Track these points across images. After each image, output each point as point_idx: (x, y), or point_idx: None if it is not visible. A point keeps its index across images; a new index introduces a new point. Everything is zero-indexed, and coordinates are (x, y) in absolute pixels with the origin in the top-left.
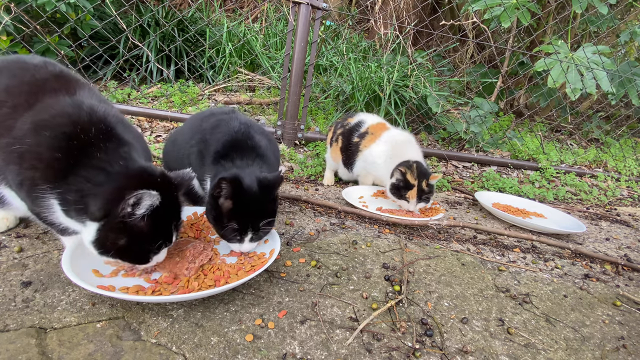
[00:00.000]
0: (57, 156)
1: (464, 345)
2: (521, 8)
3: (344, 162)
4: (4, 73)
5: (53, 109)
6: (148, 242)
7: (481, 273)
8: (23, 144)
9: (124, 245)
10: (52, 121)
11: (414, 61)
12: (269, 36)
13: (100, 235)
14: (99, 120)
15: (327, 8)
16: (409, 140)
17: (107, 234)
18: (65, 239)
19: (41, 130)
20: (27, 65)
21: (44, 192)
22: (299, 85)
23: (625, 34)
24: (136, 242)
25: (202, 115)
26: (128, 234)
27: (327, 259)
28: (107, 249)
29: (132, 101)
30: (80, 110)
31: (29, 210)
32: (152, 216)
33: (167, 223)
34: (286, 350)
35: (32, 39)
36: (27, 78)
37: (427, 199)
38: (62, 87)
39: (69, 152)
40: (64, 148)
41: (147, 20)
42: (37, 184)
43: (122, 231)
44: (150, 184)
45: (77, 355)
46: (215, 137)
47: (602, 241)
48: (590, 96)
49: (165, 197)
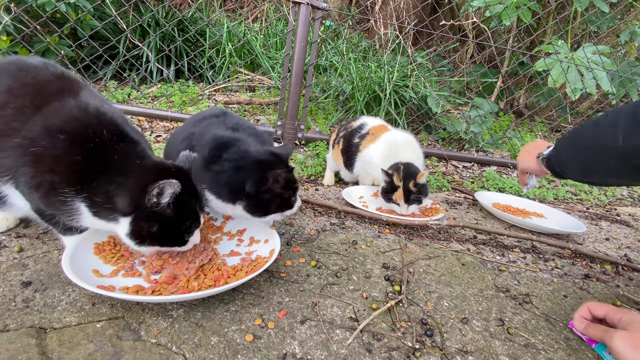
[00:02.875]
0: (77, 159)
1: (464, 345)
2: (522, 7)
3: (345, 164)
4: (4, 74)
5: (63, 113)
6: (178, 225)
7: (481, 273)
8: (38, 146)
9: (157, 231)
10: (65, 126)
11: (414, 61)
12: (269, 36)
13: (134, 227)
14: (108, 121)
15: (327, 8)
16: (407, 141)
17: (140, 224)
18: (66, 239)
19: (56, 133)
20: (28, 67)
21: (66, 195)
22: (299, 85)
23: (625, 34)
24: (167, 227)
25: (194, 120)
26: (159, 222)
27: (327, 259)
28: (142, 238)
29: (132, 101)
30: (88, 113)
31: (33, 211)
32: (175, 202)
33: (191, 205)
34: (286, 350)
35: (32, 39)
36: (29, 79)
37: (417, 200)
38: (66, 89)
39: (87, 155)
40: (82, 151)
41: (147, 20)
42: (58, 187)
43: (152, 220)
44: (168, 174)
45: (77, 355)
46: (202, 144)
47: (602, 241)
48: (590, 96)
49: (183, 183)
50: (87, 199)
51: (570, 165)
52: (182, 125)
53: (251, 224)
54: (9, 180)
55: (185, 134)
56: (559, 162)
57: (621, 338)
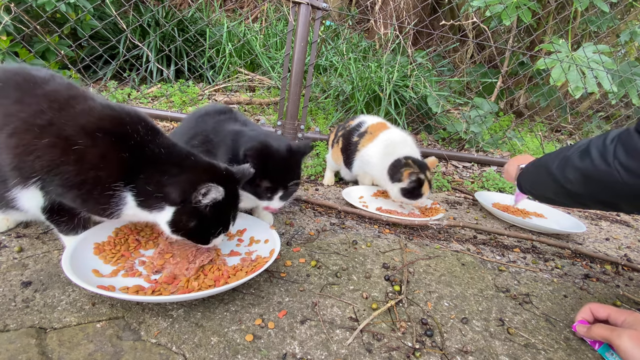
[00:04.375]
0: (124, 156)
1: (464, 345)
2: (522, 7)
3: (345, 162)
4: (10, 86)
5: (94, 113)
6: (211, 227)
7: (481, 273)
8: (78, 145)
9: (193, 227)
10: (101, 123)
11: (414, 61)
12: (269, 36)
13: (175, 217)
14: (139, 119)
15: (327, 8)
16: (404, 139)
17: (181, 216)
18: (66, 239)
19: (93, 132)
20: (35, 78)
21: (115, 189)
22: (299, 85)
23: (625, 34)
24: (202, 226)
25: (197, 114)
26: (198, 218)
27: (327, 259)
28: (178, 229)
29: (132, 101)
30: (118, 111)
31: (42, 210)
32: (216, 206)
33: (227, 213)
34: (286, 350)
35: (32, 39)
36: (39, 91)
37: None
38: (80, 95)
39: (131, 150)
40: (126, 147)
41: (147, 20)
42: (106, 182)
43: (193, 215)
44: (218, 178)
45: (77, 355)
46: (218, 141)
47: (602, 241)
48: (591, 96)
49: (227, 190)
50: (134, 190)
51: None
52: (182, 124)
53: (251, 224)
54: (36, 181)
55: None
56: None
57: (630, 338)
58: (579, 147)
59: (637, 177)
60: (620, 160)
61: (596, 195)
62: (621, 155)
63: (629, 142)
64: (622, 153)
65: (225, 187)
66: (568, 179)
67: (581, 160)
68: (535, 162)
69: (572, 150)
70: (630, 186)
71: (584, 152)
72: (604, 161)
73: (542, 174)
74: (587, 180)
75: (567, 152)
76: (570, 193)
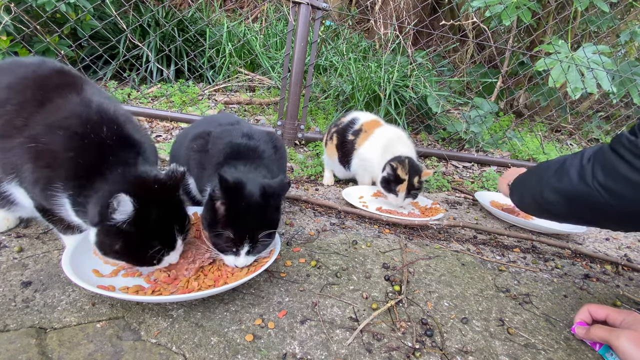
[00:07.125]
0: (70, 156)
1: (464, 345)
2: (522, 7)
3: (340, 160)
4: (3, 73)
5: (65, 109)
6: (144, 247)
7: (481, 273)
8: (39, 142)
9: (121, 249)
10: (64, 122)
11: (414, 61)
12: (269, 36)
13: (98, 239)
14: (110, 119)
15: (327, 8)
16: (399, 136)
17: (104, 238)
18: (66, 239)
19: (55, 129)
20: (25, 64)
21: (56, 190)
22: (299, 85)
23: (625, 34)
24: (131, 246)
25: (206, 121)
26: (122, 239)
27: (327, 259)
28: (106, 252)
29: (132, 101)
30: (90, 109)
31: (35, 209)
32: (139, 221)
33: (163, 227)
34: (286, 350)
35: (32, 39)
36: (29, 74)
37: (414, 195)
38: (69, 84)
39: (80, 153)
40: (76, 148)
41: (147, 20)
42: (53, 182)
43: (116, 236)
44: (138, 189)
45: (77, 355)
46: (217, 148)
47: (602, 241)
48: (591, 96)
49: (159, 201)
50: (70, 197)
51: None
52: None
53: None
54: (14, 178)
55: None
56: (512, 197)
57: (628, 338)
58: (554, 166)
59: (620, 198)
60: (599, 181)
61: (582, 216)
62: (599, 176)
63: (606, 162)
64: (600, 173)
65: (145, 198)
66: (549, 202)
67: (559, 181)
68: (518, 186)
69: (548, 173)
70: (614, 207)
71: (561, 171)
72: (582, 181)
73: (526, 197)
74: (569, 202)
75: (543, 173)
76: (556, 215)
